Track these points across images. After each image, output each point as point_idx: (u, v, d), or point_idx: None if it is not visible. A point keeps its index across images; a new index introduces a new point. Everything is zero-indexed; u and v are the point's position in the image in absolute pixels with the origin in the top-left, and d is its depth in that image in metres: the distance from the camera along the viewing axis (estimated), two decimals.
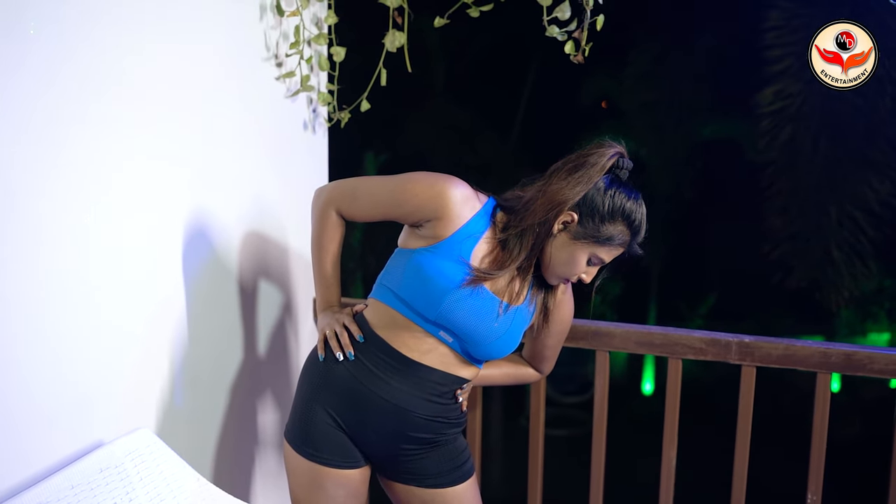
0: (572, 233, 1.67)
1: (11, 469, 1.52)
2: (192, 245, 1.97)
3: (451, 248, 1.67)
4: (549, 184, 1.68)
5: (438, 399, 1.74)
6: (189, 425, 1.99)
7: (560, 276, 1.73)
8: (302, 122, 2.37)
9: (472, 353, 1.73)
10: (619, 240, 1.67)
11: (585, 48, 2.11)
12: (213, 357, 2.08)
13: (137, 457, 1.68)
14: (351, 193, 1.80)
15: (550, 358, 1.97)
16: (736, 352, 2.04)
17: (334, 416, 1.74)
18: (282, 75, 2.22)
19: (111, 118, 1.71)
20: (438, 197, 1.67)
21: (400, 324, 1.71)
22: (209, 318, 2.05)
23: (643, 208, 1.69)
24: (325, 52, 2.37)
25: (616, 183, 1.68)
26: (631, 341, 2.13)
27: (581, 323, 2.17)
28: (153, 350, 1.87)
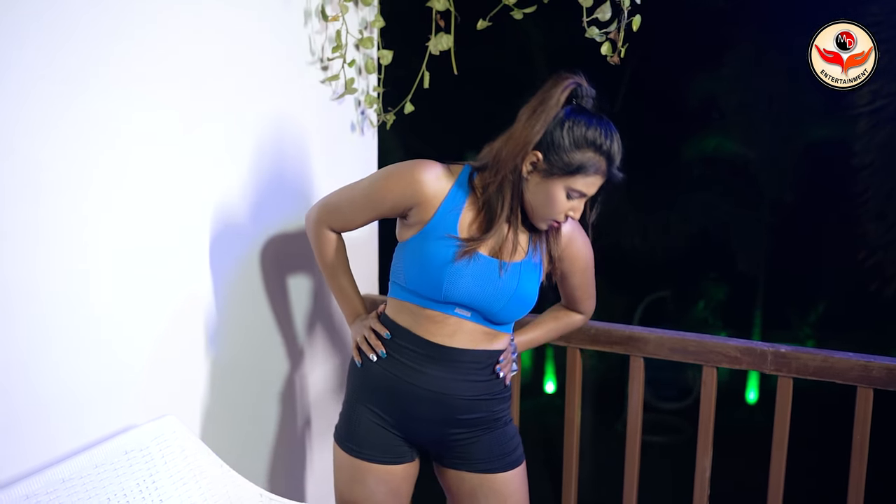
0: (542, 172, 1.66)
1: (42, 449, 1.63)
2: (239, 240, 2.06)
3: (437, 227, 1.71)
4: (513, 129, 1.69)
5: (477, 377, 1.76)
6: (220, 415, 2.07)
7: (546, 219, 1.70)
8: (350, 124, 2.43)
9: (492, 319, 1.74)
10: (593, 167, 1.64)
11: (622, 49, 2.09)
12: (252, 350, 2.16)
13: (163, 441, 1.77)
14: (334, 207, 1.86)
15: (584, 297, 1.94)
16: (771, 362, 1.97)
17: (380, 413, 1.79)
18: (326, 78, 2.28)
19: (157, 120, 1.81)
20: (410, 184, 1.71)
21: (417, 313, 1.75)
22: (251, 313, 2.14)
23: (609, 130, 1.65)
24: (372, 55, 2.42)
25: (576, 112, 1.66)
26: (665, 347, 2.09)
27: (615, 327, 2.15)
28: (190, 339, 1.96)
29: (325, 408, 2.45)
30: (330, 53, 2.26)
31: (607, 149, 1.63)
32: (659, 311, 11.42)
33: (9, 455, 1.57)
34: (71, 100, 1.61)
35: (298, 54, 2.21)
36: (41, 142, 1.56)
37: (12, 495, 1.49)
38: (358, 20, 2.37)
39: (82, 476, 1.60)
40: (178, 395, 1.94)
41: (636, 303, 11.31)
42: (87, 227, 1.68)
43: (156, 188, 1.83)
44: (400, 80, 2.44)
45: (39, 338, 1.61)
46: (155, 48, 1.79)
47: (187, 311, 1.95)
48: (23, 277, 1.56)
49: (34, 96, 1.54)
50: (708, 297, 11.35)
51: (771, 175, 8.30)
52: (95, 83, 1.66)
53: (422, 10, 2.31)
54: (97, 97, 1.67)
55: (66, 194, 1.62)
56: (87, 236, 1.68)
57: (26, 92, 1.52)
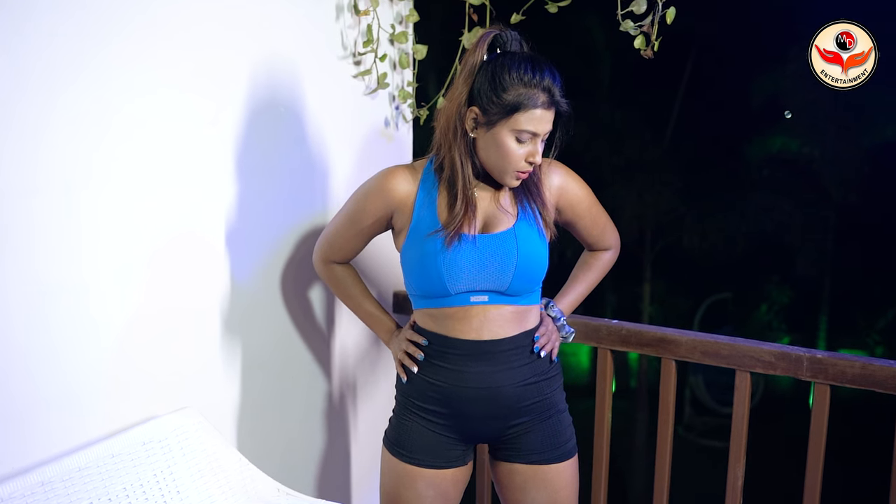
0: (484, 124, 1.62)
1: (63, 437, 1.66)
2: (270, 234, 2.07)
3: (420, 226, 1.70)
4: (447, 97, 1.69)
5: (519, 362, 1.73)
6: (242, 409, 2.08)
7: (508, 171, 1.64)
8: (384, 119, 2.42)
9: (509, 293, 1.70)
10: (531, 101, 1.57)
11: (655, 43, 2.03)
12: (278, 344, 2.16)
13: (182, 434, 1.78)
14: (330, 241, 1.88)
15: (601, 233, 1.89)
16: (807, 368, 1.89)
17: (430, 418, 1.77)
18: (358, 73, 2.27)
19: (187, 114, 1.83)
20: (379, 194, 1.74)
21: (438, 315, 1.73)
22: (279, 307, 2.14)
23: (536, 62, 1.59)
24: (406, 50, 2.40)
25: (497, 58, 1.62)
26: (697, 351, 2.02)
27: (646, 329, 2.09)
28: (214, 331, 1.97)
29: (351, 404, 2.45)
30: (362, 48, 2.25)
31: (538, 82, 1.58)
32: (720, 313, 11.18)
33: (29, 442, 1.60)
34: (75, 91, 1.63)
35: (330, 49, 2.21)
36: (45, 131, 1.58)
37: (28, 482, 1.51)
38: (392, 14, 2.35)
39: (98, 465, 1.62)
40: (200, 387, 1.95)
41: (697, 305, 11.10)
42: (121, 216, 1.70)
43: (180, 179, 1.85)
44: (435, 76, 2.42)
45: (64, 327, 1.63)
46: (181, 41, 1.80)
47: (213, 303, 1.96)
48: (49, 268, 1.59)
49: (33, 87, 1.56)
50: (771, 300, 11.05)
51: (836, 176, 8.04)
52: (110, 75, 1.68)
53: (456, 5, 2.29)
54: (109, 89, 1.68)
55: (72, 185, 1.64)
56: (120, 226, 1.70)
57: (24, 82, 1.55)
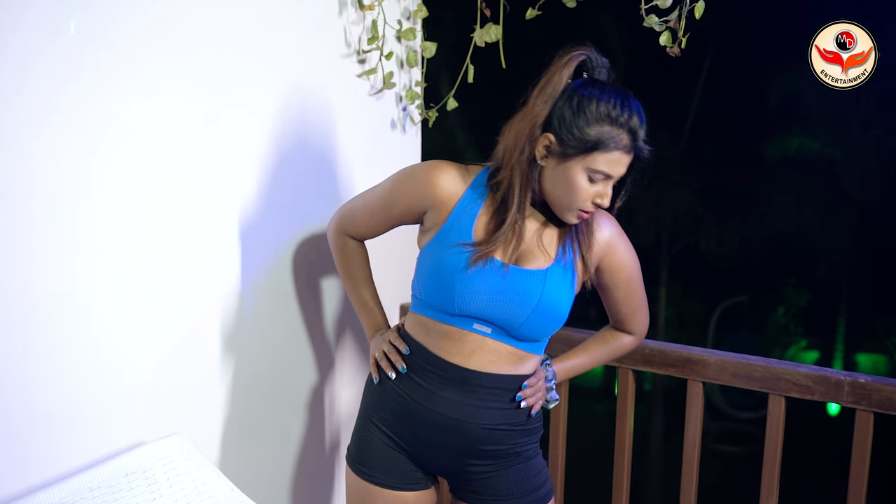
0: (557, 155, 1.47)
1: (43, 466, 1.52)
2: (267, 246, 1.93)
3: (451, 232, 1.55)
4: (519, 114, 1.52)
5: (497, 405, 1.59)
6: (237, 435, 1.94)
7: (571, 208, 1.50)
8: (390, 121, 2.28)
9: (515, 335, 1.56)
10: (613, 142, 1.44)
11: (683, 39, 1.88)
12: (275, 366, 2.02)
13: (168, 463, 1.64)
14: (351, 214, 1.75)
15: (631, 313, 1.73)
16: (849, 393, 1.74)
17: (391, 435, 1.65)
18: (363, 72, 2.13)
19: (182, 113, 1.70)
20: (422, 186, 1.59)
21: (434, 329, 1.59)
22: (276, 323, 2.00)
23: (627, 100, 1.45)
24: (414, 48, 2.26)
25: (586, 84, 1.47)
26: (727, 372, 1.88)
27: (671, 347, 1.94)
28: (206, 352, 1.84)
29: (345, 431, 2.30)
30: (366, 45, 2.11)
31: (625, 121, 1.44)
32: (736, 316, 10.99)
33: (5, 473, 1.47)
34: (75, 90, 1.50)
35: (333, 46, 2.07)
36: (39, 135, 1.45)
37: None
38: (399, 10, 2.21)
39: (75, 501, 1.48)
40: (190, 411, 1.81)
41: (712, 308, 10.91)
42: (92, 230, 1.56)
43: (173, 189, 1.71)
44: (445, 75, 2.28)
45: (40, 348, 1.49)
46: (177, 38, 1.67)
47: (206, 322, 1.82)
48: (23, 284, 1.45)
49: (33, 85, 1.43)
50: (788, 303, 10.85)
51: (856, 177, 7.86)
52: (109, 77, 1.54)
53: (468, 0, 2.15)
54: (107, 94, 1.55)
55: (69, 193, 1.51)
56: (93, 240, 1.56)
57: (26, 78, 1.41)
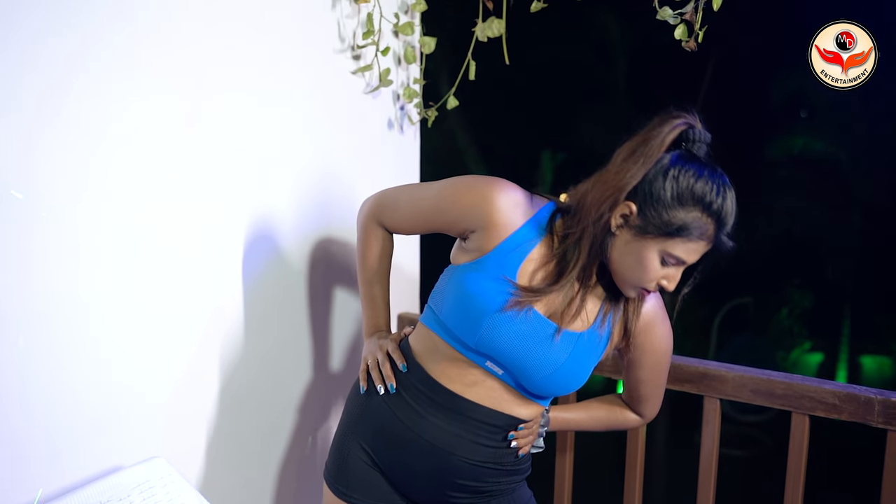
0: (634, 227, 1.34)
1: (17, 490, 1.41)
2: (253, 255, 1.81)
3: (495, 263, 1.41)
4: (606, 171, 1.38)
5: (487, 441, 1.48)
6: (224, 458, 1.82)
7: (633, 285, 1.39)
8: (387, 121, 2.16)
9: (527, 388, 1.45)
10: (697, 230, 1.31)
11: (699, 33, 1.76)
12: (265, 383, 1.90)
13: (147, 489, 1.52)
14: (393, 203, 1.58)
15: (649, 398, 1.63)
16: (880, 413, 1.61)
17: (370, 452, 1.54)
18: (358, 69, 2.01)
19: (167, 112, 1.58)
20: (482, 203, 1.42)
21: (442, 351, 1.47)
22: (266, 337, 1.88)
23: (724, 188, 1.33)
24: (413, 43, 2.14)
25: (683, 159, 1.33)
26: (746, 389, 1.75)
27: (686, 362, 1.82)
28: (192, 372, 1.72)
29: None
30: (361, 40, 1.98)
31: (718, 208, 1.31)
32: (740, 318, 10.87)
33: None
34: (68, 92, 1.38)
35: (326, 41, 1.95)
36: (30, 137, 1.33)
37: None
38: (397, 3, 2.09)
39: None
40: (173, 433, 1.70)
41: (715, 310, 10.79)
42: (75, 237, 1.44)
43: (154, 194, 1.59)
44: (445, 72, 2.16)
45: (9, 367, 1.38)
46: (163, 33, 1.54)
47: (190, 339, 1.70)
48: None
49: (29, 84, 1.31)
50: (792, 304, 10.73)
51: (863, 177, 7.73)
52: (98, 75, 1.43)
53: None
54: (98, 90, 1.44)
55: (55, 200, 1.39)
56: (73, 255, 1.44)
57: (20, 79, 1.29)
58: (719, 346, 10.13)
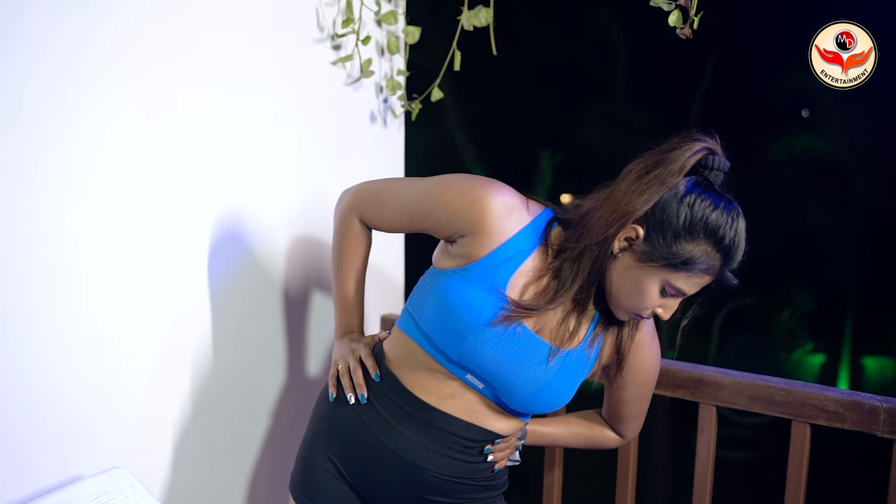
0: (638, 253, 1.26)
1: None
2: (227, 251, 1.72)
3: (485, 273, 1.31)
4: (615, 189, 1.29)
5: (462, 456, 1.39)
6: (188, 467, 1.73)
7: (628, 311, 1.32)
8: (369, 114, 2.06)
9: (508, 404, 1.36)
10: (704, 264, 1.24)
11: (695, 19, 1.67)
12: (233, 389, 1.81)
13: (106, 501, 1.43)
14: (375, 197, 1.48)
15: (631, 418, 1.56)
16: (885, 421, 1.52)
17: (337, 464, 1.45)
18: (338, 59, 1.92)
19: (134, 106, 1.50)
20: (473, 206, 1.31)
21: (419, 361, 1.38)
22: (235, 342, 1.79)
23: (738, 222, 1.26)
24: (396, 33, 2.05)
25: (700, 187, 1.25)
26: (744, 396, 1.66)
27: (681, 367, 1.73)
28: (164, 374, 1.63)
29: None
30: (341, 29, 1.89)
31: (729, 243, 1.25)
32: (741, 319, 10.77)
33: None
34: (23, 86, 1.29)
35: (304, 29, 1.86)
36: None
37: None
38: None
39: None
40: (136, 441, 1.61)
41: (716, 311, 10.69)
42: (29, 238, 1.35)
43: (121, 191, 1.50)
44: (429, 62, 2.07)
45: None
46: (131, 22, 1.46)
47: (153, 342, 1.62)
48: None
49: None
50: (794, 305, 10.63)
51: (866, 177, 7.64)
52: (60, 67, 1.36)
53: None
54: (59, 81, 1.37)
55: (7, 198, 1.30)
56: (32, 250, 1.35)
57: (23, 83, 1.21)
58: (720, 347, 10.02)
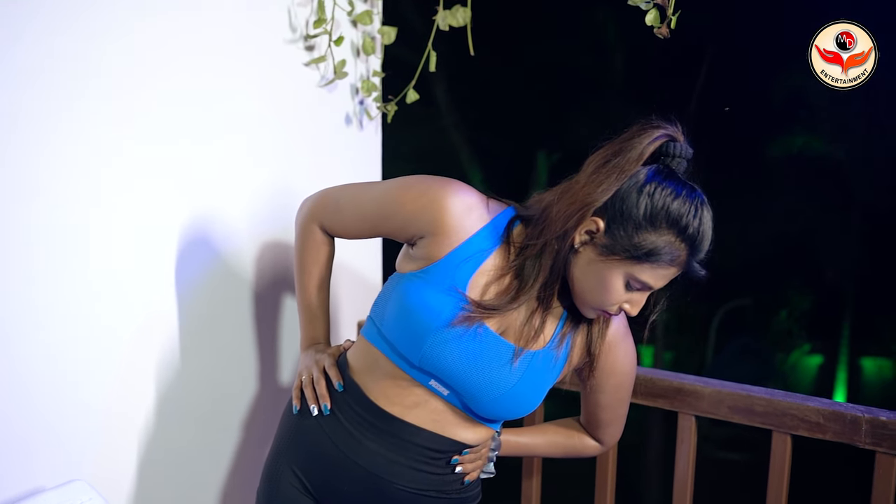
0: (600, 246, 1.22)
1: None
2: (196, 257, 1.68)
3: (445, 274, 1.28)
4: (574, 181, 1.25)
5: (428, 468, 1.35)
6: (153, 480, 1.69)
7: (594, 306, 1.27)
8: (345, 116, 2.02)
9: (474, 410, 1.32)
10: (668, 255, 1.20)
11: (672, 18, 1.63)
12: (210, 396, 1.77)
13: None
14: (334, 203, 1.44)
15: (608, 422, 1.51)
16: (867, 433, 1.48)
17: (302, 478, 1.41)
18: (311, 60, 1.87)
19: (104, 109, 1.47)
20: (431, 206, 1.28)
21: (382, 368, 1.34)
22: (205, 349, 1.75)
23: (703, 210, 1.21)
24: (372, 33, 2.01)
25: (661, 175, 1.21)
26: (723, 405, 1.62)
27: (659, 376, 1.68)
28: (129, 383, 1.59)
29: None
30: (313, 29, 1.85)
31: (693, 232, 1.19)
32: (738, 320, 10.72)
33: None
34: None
35: (276, 29, 1.81)
36: None
37: None
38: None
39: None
40: (98, 453, 1.57)
41: (713, 312, 10.64)
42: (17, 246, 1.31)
43: (84, 194, 1.46)
44: (406, 63, 2.03)
45: None
46: (94, 21, 1.41)
47: (123, 348, 1.57)
48: None
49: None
50: (792, 306, 10.57)
51: (865, 177, 7.60)
52: (21, 66, 1.32)
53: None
54: (19, 83, 1.33)
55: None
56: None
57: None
58: (717, 349, 9.91)
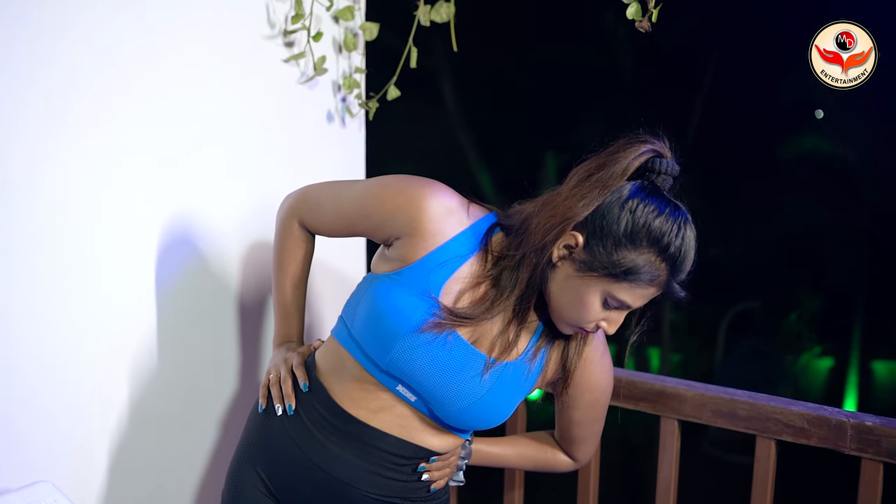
0: (578, 262, 1.18)
1: None
2: (174, 257, 1.65)
3: (418, 277, 1.24)
4: (556, 193, 1.21)
5: (392, 474, 1.32)
6: (137, 481, 1.66)
7: (570, 324, 1.24)
8: (326, 114, 1.99)
9: (441, 419, 1.29)
10: (648, 275, 1.16)
11: (654, 12, 1.59)
12: (187, 395, 1.74)
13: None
14: (315, 199, 1.42)
15: (582, 440, 1.47)
16: (853, 438, 1.43)
17: (265, 480, 1.38)
18: (290, 57, 1.84)
19: (76, 106, 1.44)
20: (409, 206, 1.25)
21: (349, 370, 1.31)
22: (181, 347, 1.71)
23: (686, 229, 1.17)
24: (354, 29, 1.97)
25: (644, 192, 1.17)
26: (706, 409, 1.58)
27: (640, 378, 1.65)
28: (101, 382, 1.56)
29: None
30: (290, 24, 1.82)
31: (674, 251, 1.16)
32: (747, 323, 10.64)
33: None
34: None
35: (254, 25, 1.78)
36: None
37: None
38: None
39: None
40: (66, 454, 1.54)
41: (721, 314, 10.56)
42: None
43: (59, 192, 1.44)
44: (389, 59, 1.99)
45: None
46: (66, 17, 1.39)
47: (97, 345, 1.55)
48: None
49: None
50: (801, 308, 10.48)
51: (870, 177, 7.52)
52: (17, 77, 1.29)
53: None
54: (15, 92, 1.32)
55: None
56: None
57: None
58: (726, 351, 9.80)
